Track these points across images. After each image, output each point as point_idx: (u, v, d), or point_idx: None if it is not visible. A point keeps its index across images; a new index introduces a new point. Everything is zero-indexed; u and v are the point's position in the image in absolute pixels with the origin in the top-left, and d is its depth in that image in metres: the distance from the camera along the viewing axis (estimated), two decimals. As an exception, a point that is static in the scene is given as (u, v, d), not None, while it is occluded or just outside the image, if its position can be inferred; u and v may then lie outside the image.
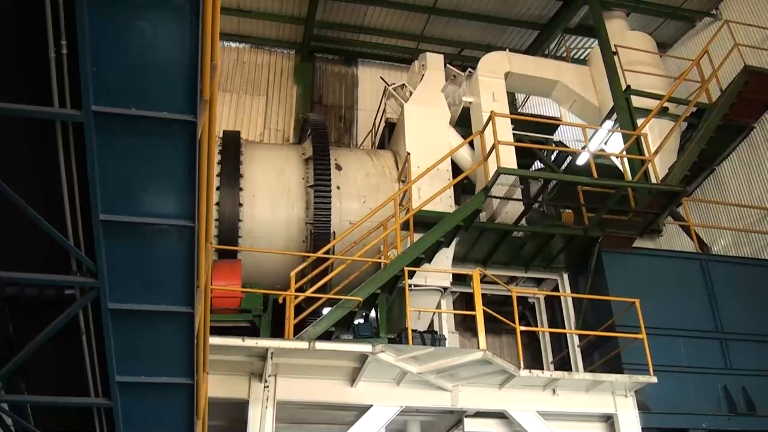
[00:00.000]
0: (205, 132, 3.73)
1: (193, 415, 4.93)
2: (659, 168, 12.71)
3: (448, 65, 14.19)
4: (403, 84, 14.08)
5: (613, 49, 14.33)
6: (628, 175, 12.66)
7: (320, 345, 8.40)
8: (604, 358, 10.99)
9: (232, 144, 11.69)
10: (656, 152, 12.71)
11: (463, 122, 13.49)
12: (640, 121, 13.13)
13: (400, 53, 18.08)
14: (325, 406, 9.27)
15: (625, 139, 12.92)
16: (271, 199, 11.53)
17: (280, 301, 9.76)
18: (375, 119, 15.67)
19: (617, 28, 15.45)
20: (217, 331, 8.41)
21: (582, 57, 17.85)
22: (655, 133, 13.48)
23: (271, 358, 8.34)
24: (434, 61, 13.73)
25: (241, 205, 11.21)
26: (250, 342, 8.17)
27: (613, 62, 14.01)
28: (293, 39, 17.54)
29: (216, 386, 7.67)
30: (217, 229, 10.87)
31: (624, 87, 13.65)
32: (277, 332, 9.61)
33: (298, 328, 9.44)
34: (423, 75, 13.47)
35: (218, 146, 11.44)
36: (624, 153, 12.74)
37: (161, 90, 3.28)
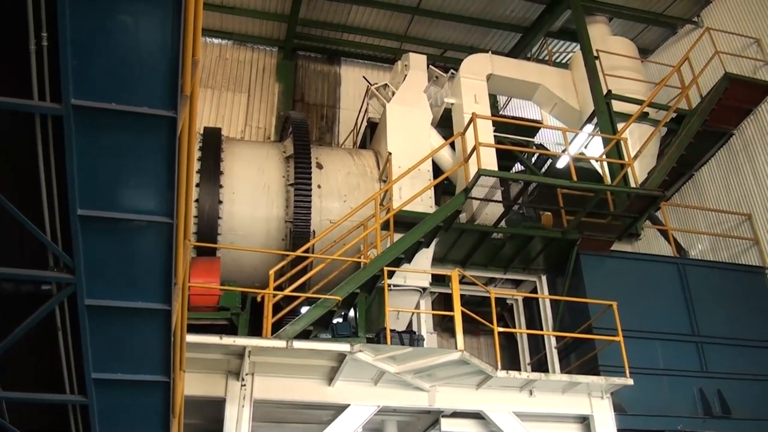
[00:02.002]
0: (186, 128, 3.70)
1: (169, 413, 4.90)
2: (638, 172, 12.83)
3: (430, 66, 14.22)
4: (386, 84, 14.09)
5: (595, 54, 14.46)
6: (608, 179, 12.77)
7: (298, 344, 8.38)
8: (580, 359, 11.07)
9: (212, 141, 11.62)
10: (636, 156, 12.82)
11: (444, 123, 13.53)
12: (620, 126, 13.25)
13: (383, 53, 18.09)
14: (303, 406, 9.25)
15: (605, 143, 13.03)
16: (251, 196, 11.47)
17: (259, 299, 9.73)
18: (357, 118, 15.67)
19: (599, 32, 15.58)
20: (194, 329, 8.34)
21: (564, 61, 17.95)
22: (634, 137, 13.62)
23: (249, 356, 8.31)
24: (417, 61, 13.75)
25: (220, 202, 11.14)
26: (227, 340, 8.12)
27: (595, 67, 14.14)
28: (276, 36, 17.47)
29: (192, 384, 7.63)
30: (196, 226, 10.80)
31: (605, 91, 13.78)
32: (255, 331, 9.58)
33: (276, 327, 9.41)
34: (406, 75, 13.49)
35: (199, 143, 11.37)
36: (604, 157, 12.84)
37: (142, 85, 3.25)
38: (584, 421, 9.93)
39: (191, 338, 7.54)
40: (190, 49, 3.43)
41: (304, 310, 10.11)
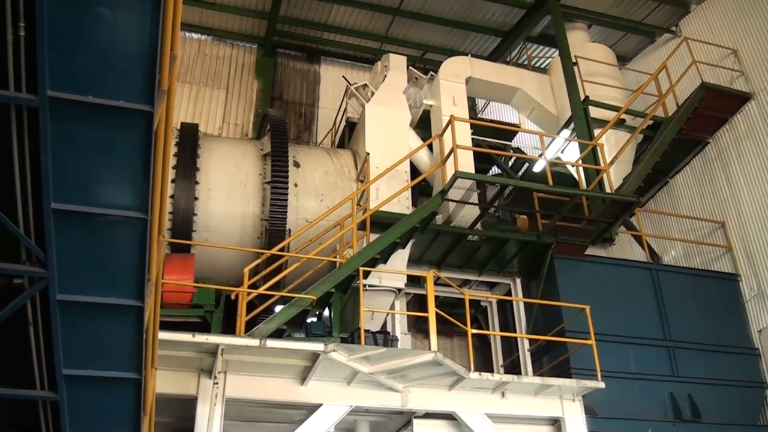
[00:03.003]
0: (162, 123, 3.67)
1: (140, 410, 4.86)
2: (614, 178, 12.95)
3: (410, 67, 14.25)
4: (365, 84, 14.09)
5: (574, 60, 14.58)
6: (583, 184, 12.88)
7: (272, 343, 8.34)
8: (553, 362, 11.15)
9: (189, 136, 11.54)
10: (611, 162, 12.95)
11: (423, 125, 13.56)
12: (596, 131, 13.36)
13: (364, 53, 18.08)
14: (275, 405, 9.21)
15: (582, 149, 13.14)
16: (227, 193, 11.41)
17: (233, 297, 9.67)
18: (336, 118, 15.65)
19: (578, 39, 15.72)
20: (167, 326, 8.29)
21: (543, 66, 18.08)
22: (611, 143, 13.75)
23: (222, 354, 8.25)
24: (397, 62, 13.77)
25: (196, 198, 11.06)
26: (200, 338, 8.06)
27: (573, 72, 14.26)
28: (256, 33, 17.40)
29: (164, 382, 7.57)
30: (171, 222, 10.72)
31: (582, 97, 13.90)
32: (229, 329, 9.52)
33: (250, 325, 9.37)
34: (385, 76, 13.50)
35: (175, 138, 11.28)
36: (580, 162, 12.95)
37: (119, 78, 3.22)
38: (555, 423, 10.00)
39: (164, 335, 7.48)
40: (169, 44, 3.40)
41: (278, 308, 10.08)
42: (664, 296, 12.36)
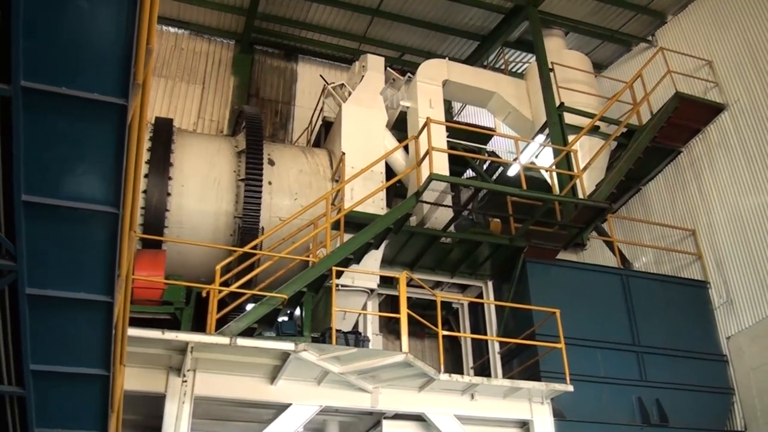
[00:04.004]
0: (136, 117, 3.64)
1: (108, 407, 4.81)
2: (587, 184, 13.08)
3: (388, 68, 14.26)
4: (343, 83, 14.08)
5: (550, 66, 14.70)
6: (556, 189, 12.99)
7: (242, 341, 8.30)
8: (523, 365, 11.22)
9: (163, 131, 11.43)
10: (585, 169, 13.06)
11: (399, 126, 13.58)
12: (571, 137, 13.48)
13: (342, 52, 18.05)
14: (244, 404, 9.16)
15: (556, 154, 13.25)
16: (200, 190, 11.32)
17: (204, 294, 9.60)
18: (312, 117, 15.61)
19: (555, 45, 15.85)
20: (136, 323, 8.21)
21: (519, 71, 18.19)
22: (585, 150, 13.87)
23: (191, 352, 8.20)
24: (375, 63, 13.78)
25: (169, 194, 10.96)
26: (170, 335, 8.00)
27: (549, 78, 14.38)
28: (234, 29, 17.28)
29: (132, 379, 7.52)
30: (143, 217, 10.60)
31: (558, 103, 14.02)
32: (199, 326, 9.45)
33: (221, 323, 9.31)
34: (363, 76, 13.49)
35: (149, 133, 11.17)
36: (553, 167, 13.05)
37: (94, 70, 3.18)
38: (524, 425, 10.08)
39: (133, 332, 7.42)
40: (145, 37, 3.37)
41: (249, 307, 10.02)
42: (633, 302, 12.50)
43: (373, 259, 11.41)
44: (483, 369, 12.46)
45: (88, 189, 3.55)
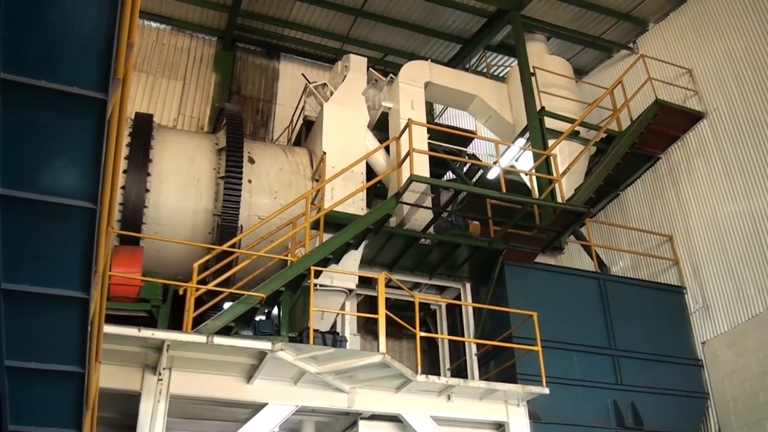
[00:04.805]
0: (116, 112, 3.60)
1: (83, 405, 4.75)
2: (566, 188, 13.17)
3: (370, 69, 14.26)
4: (325, 83, 14.06)
5: (532, 70, 14.79)
6: (536, 193, 13.07)
7: (218, 340, 8.25)
8: (499, 367, 11.28)
9: (143, 127, 11.34)
10: (564, 173, 13.16)
11: (380, 126, 13.60)
12: (551, 142, 13.56)
13: (324, 52, 18.01)
14: (220, 403, 9.10)
15: (536, 158, 13.33)
16: (179, 187, 11.25)
17: (181, 292, 9.55)
18: (293, 115, 15.57)
19: (537, 50, 15.95)
20: (112, 320, 8.14)
21: (501, 74, 18.27)
22: (564, 154, 13.98)
23: (167, 350, 8.13)
24: (357, 63, 13.77)
25: (147, 190, 10.88)
26: (146, 333, 7.93)
27: (530, 83, 14.46)
28: (216, 26, 17.19)
29: (108, 376, 7.42)
30: (121, 213, 10.52)
31: (538, 108, 14.11)
32: (176, 324, 9.39)
33: (198, 322, 9.25)
34: (345, 76, 13.48)
35: (129, 128, 11.08)
36: (533, 171, 13.12)
37: (74, 64, 3.14)
38: (500, 427, 10.11)
39: (109, 329, 7.36)
40: (126, 31, 3.33)
41: (227, 305, 9.97)
42: (610, 306, 12.61)
43: (353, 259, 11.40)
44: (460, 371, 12.50)
45: (65, 184, 3.50)
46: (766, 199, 12.35)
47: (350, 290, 11.49)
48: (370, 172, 12.61)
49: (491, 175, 14.58)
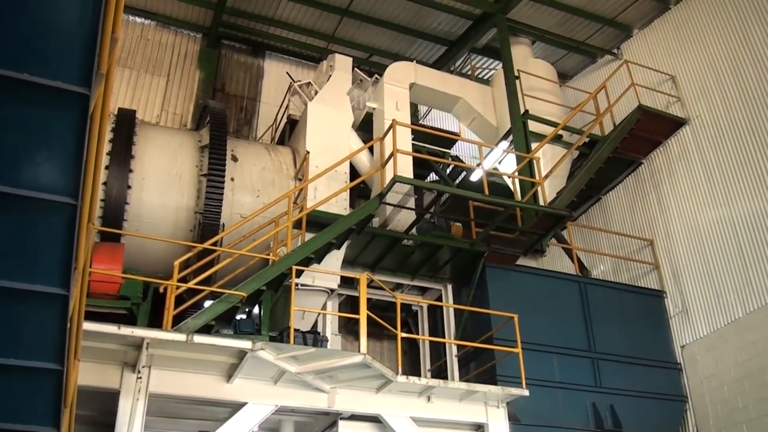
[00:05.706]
0: (98, 107, 3.57)
1: (61, 402, 4.70)
2: (548, 191, 13.24)
3: (355, 69, 14.26)
4: (309, 82, 14.03)
5: (516, 74, 14.86)
6: (518, 196, 13.12)
7: (198, 338, 8.21)
8: (480, 369, 11.32)
9: (126, 123, 11.26)
10: (546, 176, 13.23)
11: (365, 127, 13.60)
12: (534, 145, 13.63)
13: (310, 51, 17.99)
14: (199, 402, 9.05)
15: (519, 161, 13.39)
16: (161, 184, 11.18)
17: (161, 290, 9.48)
18: (277, 114, 15.52)
19: (522, 54, 16.04)
20: (92, 317, 8.08)
21: (486, 77, 18.34)
22: (547, 157, 14.06)
23: (147, 348, 8.07)
24: (342, 63, 13.75)
25: (129, 187, 10.80)
26: (125, 330, 7.86)
27: (515, 86, 14.54)
28: (201, 22, 17.10)
29: (87, 374, 7.36)
30: (102, 210, 10.43)
31: (522, 111, 14.18)
32: (156, 322, 9.32)
33: (178, 320, 9.19)
34: (330, 75, 13.46)
35: (111, 123, 11.00)
36: (516, 174, 13.18)
37: (57, 58, 3.11)
38: (479, 428, 10.14)
39: (88, 326, 7.30)
40: (110, 26, 3.31)
41: (207, 304, 9.91)
42: (591, 309, 12.69)
43: (335, 259, 11.39)
44: (440, 372, 12.53)
45: (46, 178, 3.47)
46: (746, 205, 12.49)
47: (332, 290, 11.47)
48: (354, 172, 12.60)
49: (474, 177, 14.63)
